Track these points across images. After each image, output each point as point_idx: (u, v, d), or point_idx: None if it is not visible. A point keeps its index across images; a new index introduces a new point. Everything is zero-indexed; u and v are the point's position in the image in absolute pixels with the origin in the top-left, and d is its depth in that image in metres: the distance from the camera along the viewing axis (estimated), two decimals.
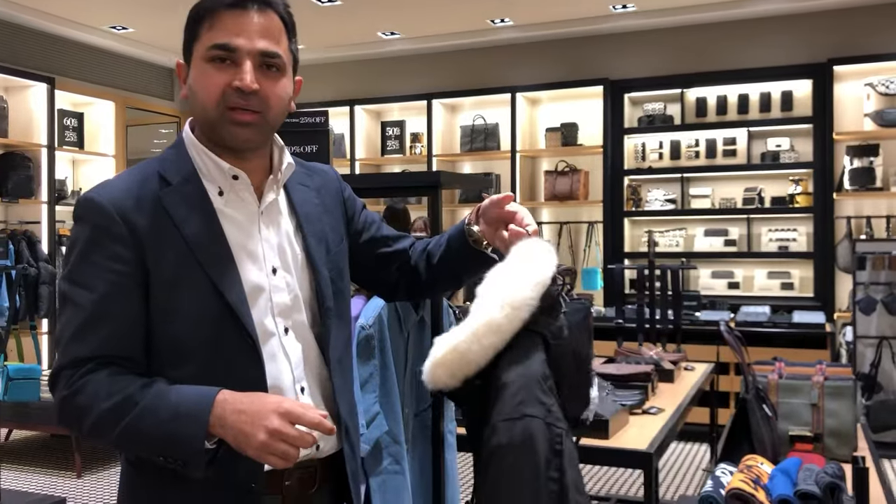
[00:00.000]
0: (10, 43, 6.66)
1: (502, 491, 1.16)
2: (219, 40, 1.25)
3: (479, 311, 1.23)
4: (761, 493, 2.09)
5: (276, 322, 1.28)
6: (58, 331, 1.23)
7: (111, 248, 1.20)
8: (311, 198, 1.40)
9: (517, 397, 1.16)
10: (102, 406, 1.16)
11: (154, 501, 1.24)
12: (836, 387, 3.02)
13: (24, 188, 6.54)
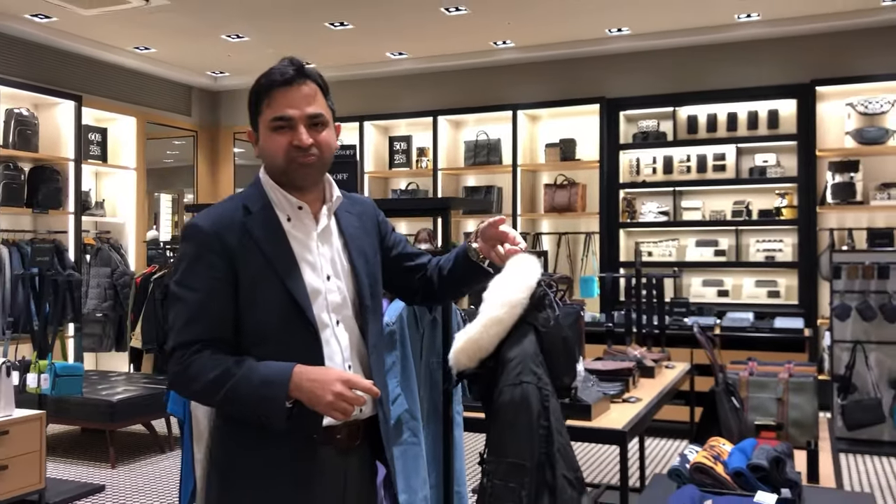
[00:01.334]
0: (42, 63, 7.08)
1: (507, 435, 1.65)
2: (277, 113, 1.65)
3: (486, 310, 1.67)
4: (720, 466, 2.46)
5: (331, 316, 1.68)
6: (170, 321, 1.62)
7: (211, 259, 1.60)
8: (353, 222, 1.79)
9: (517, 369, 1.62)
10: (209, 376, 1.55)
11: (241, 449, 1.63)
12: (799, 382, 3.39)
13: (53, 199, 6.93)
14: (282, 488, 1.61)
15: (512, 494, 1.59)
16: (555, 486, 1.62)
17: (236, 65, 8.19)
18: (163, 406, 5.28)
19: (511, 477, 1.60)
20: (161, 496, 4.48)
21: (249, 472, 1.62)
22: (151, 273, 6.64)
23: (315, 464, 1.63)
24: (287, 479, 1.61)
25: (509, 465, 1.61)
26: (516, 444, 1.62)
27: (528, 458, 1.61)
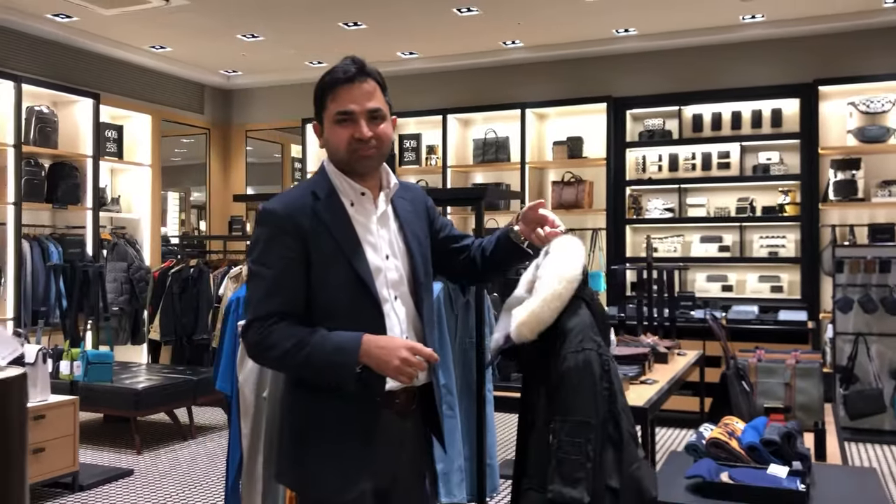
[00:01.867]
0: (62, 62, 7.23)
1: (572, 396, 1.82)
2: (340, 108, 1.81)
3: (545, 287, 1.83)
4: (734, 442, 2.62)
5: (390, 292, 1.84)
6: (248, 296, 1.78)
7: (286, 240, 1.76)
8: (407, 207, 1.96)
9: (578, 337, 1.80)
10: (286, 345, 1.71)
11: (313, 410, 1.79)
12: (805, 368, 3.56)
13: (72, 195, 7.07)
14: (349, 443, 1.78)
15: (578, 449, 1.75)
16: (620, 441, 1.79)
17: (249, 64, 8.34)
18: (184, 395, 5.47)
19: (577, 434, 1.76)
20: (187, 480, 4.63)
21: (321, 430, 1.78)
22: (169, 267, 6.80)
23: (377, 423, 1.79)
24: (354, 436, 1.78)
25: (575, 423, 1.77)
26: (582, 404, 1.78)
27: (592, 416, 1.78)
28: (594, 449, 1.75)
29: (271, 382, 2.46)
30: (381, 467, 1.81)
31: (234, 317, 2.57)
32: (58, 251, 6.80)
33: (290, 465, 1.82)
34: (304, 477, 1.80)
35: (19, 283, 6.49)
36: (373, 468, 1.79)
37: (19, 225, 6.54)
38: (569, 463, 1.74)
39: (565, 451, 1.75)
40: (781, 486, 2.33)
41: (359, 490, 1.76)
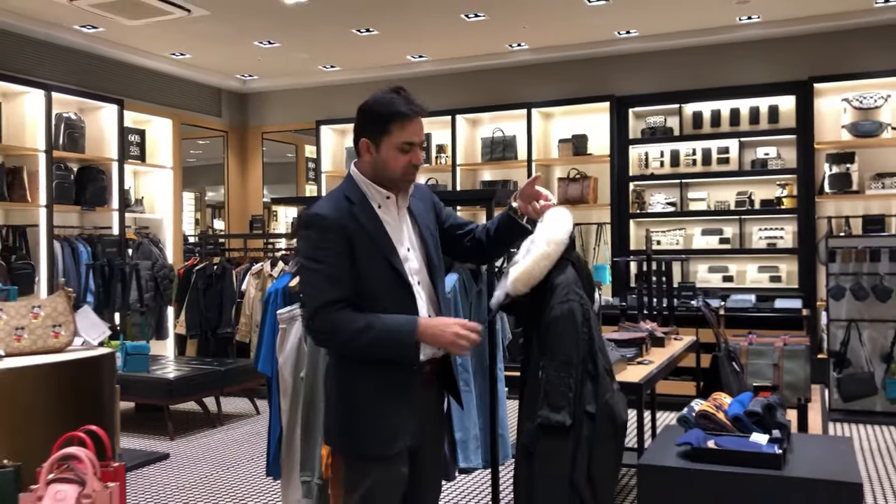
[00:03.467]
0: (88, 70, 7.56)
1: (558, 340, 2.18)
2: (407, 139, 2.15)
3: (536, 248, 2.18)
4: (721, 414, 2.92)
5: (413, 278, 2.17)
6: (304, 290, 2.09)
7: (335, 239, 2.08)
8: (419, 205, 2.30)
9: (563, 291, 2.14)
10: (352, 329, 2.03)
11: (357, 378, 2.12)
12: (792, 350, 3.85)
13: (99, 197, 7.41)
14: (391, 406, 2.11)
15: (562, 382, 2.13)
16: (596, 375, 2.16)
17: (265, 68, 8.66)
18: (213, 385, 5.80)
19: (562, 370, 2.14)
20: (219, 463, 4.96)
21: (366, 395, 2.11)
22: (193, 265, 7.14)
23: (412, 388, 2.14)
24: (395, 399, 2.11)
25: (560, 363, 2.14)
26: (565, 346, 2.15)
27: (574, 356, 2.14)
28: (575, 382, 2.12)
29: (307, 364, 2.78)
30: (415, 427, 2.14)
31: (274, 307, 2.88)
32: (87, 251, 7.13)
33: (338, 428, 2.15)
34: (352, 437, 2.12)
35: (51, 281, 6.84)
36: (410, 427, 2.13)
37: (51, 226, 6.89)
38: (554, 394, 2.12)
39: (552, 385, 2.13)
40: (761, 451, 2.63)
41: (398, 447, 2.09)
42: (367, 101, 2.22)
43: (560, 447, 2.11)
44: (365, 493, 2.10)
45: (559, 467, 2.10)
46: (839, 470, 2.59)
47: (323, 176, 8.90)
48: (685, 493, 2.63)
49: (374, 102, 2.19)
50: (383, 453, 2.10)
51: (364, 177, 2.20)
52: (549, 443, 2.11)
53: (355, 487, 2.12)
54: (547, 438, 2.11)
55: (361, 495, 2.10)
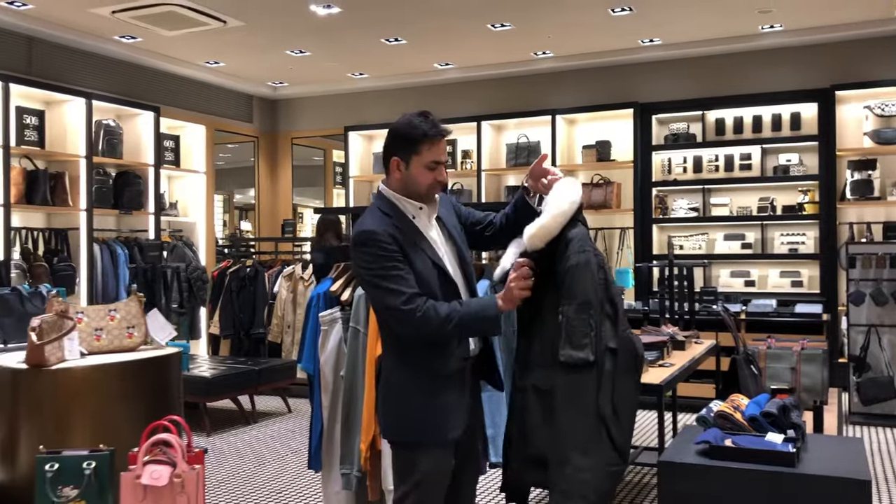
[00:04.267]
0: (126, 79, 7.83)
1: (577, 284, 2.37)
2: (435, 158, 2.37)
3: (552, 207, 2.40)
4: (738, 414, 3.07)
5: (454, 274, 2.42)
6: (386, 295, 2.27)
7: (390, 249, 2.29)
8: (444, 210, 2.52)
9: (579, 243, 2.39)
10: (439, 317, 2.25)
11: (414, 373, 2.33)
12: (809, 354, 3.98)
13: (136, 202, 7.66)
14: (445, 397, 2.33)
15: (583, 323, 2.32)
16: (615, 315, 2.35)
17: (295, 76, 8.89)
18: (248, 383, 6.01)
19: (582, 311, 2.33)
20: (255, 458, 5.17)
21: (422, 388, 2.33)
22: (227, 267, 7.37)
23: (460, 378, 2.36)
24: (447, 391, 2.34)
25: (579, 305, 2.33)
26: (583, 289, 2.34)
27: (592, 297, 2.33)
28: (595, 322, 2.31)
29: (347, 364, 2.96)
30: (465, 417, 2.36)
31: (316, 309, 3.07)
32: (124, 253, 7.39)
33: (394, 419, 2.34)
34: (408, 427, 2.31)
35: (91, 282, 7.10)
36: (461, 419, 2.34)
37: (91, 229, 7.15)
38: (576, 333, 2.32)
39: (573, 325, 2.32)
40: (775, 449, 2.78)
41: (451, 436, 2.28)
42: (397, 124, 2.41)
43: (584, 382, 2.29)
44: (420, 479, 2.28)
45: (584, 401, 2.28)
46: (849, 468, 2.73)
47: (351, 180, 9.10)
48: (703, 488, 2.78)
49: (404, 125, 2.39)
50: (438, 441, 2.30)
51: (395, 192, 2.42)
52: (572, 379, 2.30)
53: (409, 474, 2.30)
54: (570, 375, 2.30)
55: (416, 482, 2.29)
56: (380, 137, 9.09)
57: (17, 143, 6.59)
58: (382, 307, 2.31)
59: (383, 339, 2.42)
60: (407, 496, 2.31)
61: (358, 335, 2.94)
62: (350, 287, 3.05)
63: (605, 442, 2.29)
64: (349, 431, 2.95)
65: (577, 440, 2.28)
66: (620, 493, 4.37)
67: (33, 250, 6.89)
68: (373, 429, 2.84)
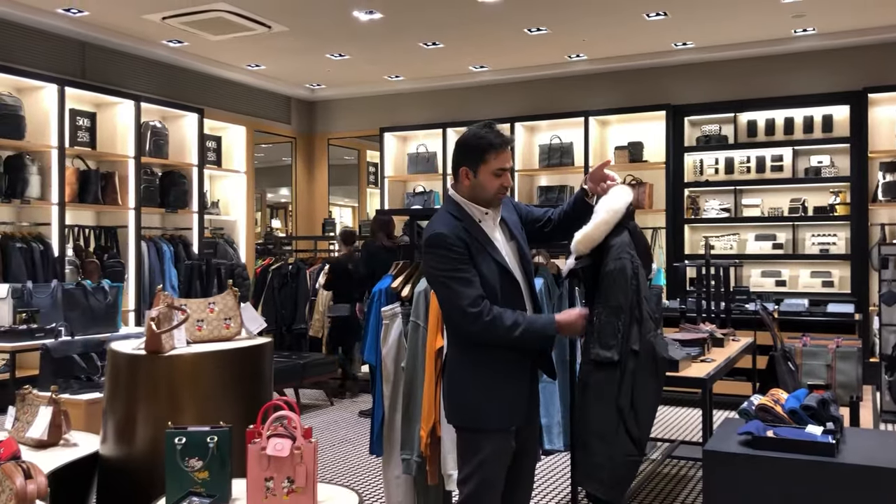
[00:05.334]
0: (171, 81, 8.09)
1: (611, 289, 2.54)
2: (501, 166, 2.54)
3: (597, 216, 2.57)
4: (779, 407, 3.22)
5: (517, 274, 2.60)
6: (451, 295, 2.45)
7: (460, 251, 2.47)
8: (506, 211, 2.67)
9: (618, 250, 2.55)
10: (506, 323, 2.42)
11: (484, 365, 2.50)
12: (845, 352, 4.11)
13: (181, 200, 7.92)
14: (510, 386, 2.52)
15: (612, 325, 2.51)
16: (641, 319, 2.53)
17: (332, 78, 9.10)
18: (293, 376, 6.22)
19: (613, 315, 2.51)
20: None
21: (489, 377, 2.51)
22: (269, 264, 7.60)
23: (520, 370, 2.55)
24: (512, 381, 2.53)
25: (612, 308, 2.51)
26: (617, 294, 2.51)
27: (623, 302, 2.51)
28: (623, 325, 2.50)
29: (408, 356, 3.15)
30: (524, 406, 2.54)
31: (378, 304, 3.26)
32: (170, 250, 7.65)
33: (461, 404, 2.52)
34: (475, 411, 2.49)
35: (139, 278, 7.36)
36: (523, 406, 2.53)
37: (139, 227, 7.41)
38: (605, 334, 2.51)
39: (604, 327, 2.52)
40: (816, 440, 2.93)
41: (511, 422, 2.46)
42: (466, 136, 2.60)
43: (609, 379, 2.50)
44: (482, 460, 2.47)
45: (608, 396, 2.50)
46: (889, 458, 2.87)
47: (385, 181, 9.29)
48: (746, 477, 2.93)
49: (472, 137, 2.58)
50: (499, 427, 2.47)
51: (463, 198, 2.60)
52: (599, 375, 2.52)
53: (473, 455, 2.49)
54: (598, 372, 2.52)
55: (479, 462, 2.47)
56: (414, 139, 9.32)
57: (71, 144, 6.86)
58: (449, 306, 2.49)
59: (449, 333, 2.60)
60: (471, 476, 2.50)
61: (418, 329, 3.12)
62: (410, 284, 3.24)
63: (622, 433, 2.51)
64: (410, 419, 3.13)
65: (599, 429, 2.52)
66: (661, 484, 4.53)
67: (85, 247, 7.16)
68: (433, 417, 3.02)
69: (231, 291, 2.89)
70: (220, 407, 2.45)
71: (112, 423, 2.58)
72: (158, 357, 2.51)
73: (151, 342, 2.49)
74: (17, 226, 6.60)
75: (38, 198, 6.55)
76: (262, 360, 2.58)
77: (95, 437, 2.82)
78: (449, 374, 2.59)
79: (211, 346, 2.68)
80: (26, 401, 2.84)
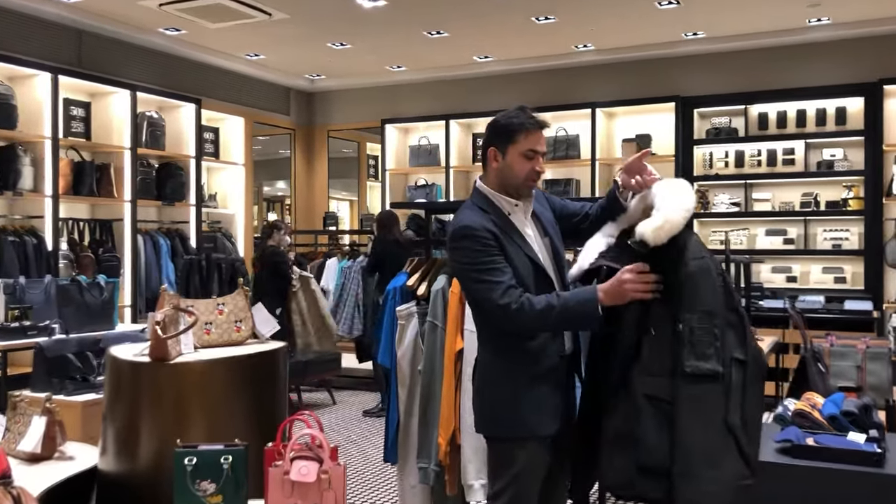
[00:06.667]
0: (168, 70, 7.86)
1: (697, 291, 2.24)
2: (532, 147, 2.36)
3: (675, 206, 2.25)
4: (816, 413, 3.05)
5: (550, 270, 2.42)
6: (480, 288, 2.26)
7: (490, 244, 2.29)
8: (538, 205, 2.50)
9: (696, 248, 2.28)
10: (537, 309, 2.23)
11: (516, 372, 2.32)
12: (875, 352, 3.95)
13: (178, 193, 7.70)
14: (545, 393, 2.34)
15: (707, 333, 2.20)
16: (740, 323, 2.26)
17: (333, 68, 8.89)
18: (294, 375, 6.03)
19: (705, 321, 2.21)
20: None
21: (523, 383, 2.33)
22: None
23: (555, 375, 2.37)
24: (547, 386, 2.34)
25: (702, 314, 2.21)
26: (705, 298, 2.23)
27: (715, 306, 2.23)
28: (719, 332, 2.21)
29: (425, 359, 2.97)
30: (561, 414, 2.37)
31: (392, 303, 3.08)
32: (166, 244, 7.45)
33: (492, 413, 2.34)
34: (509, 421, 2.31)
35: (135, 273, 7.16)
36: (557, 413, 2.35)
37: (135, 220, 7.20)
38: (701, 343, 2.20)
39: (697, 336, 2.20)
40: (861, 449, 2.76)
41: (547, 431, 2.29)
42: (496, 118, 2.45)
43: (711, 394, 2.19)
44: (517, 472, 2.29)
45: (711, 413, 2.19)
46: None
47: (387, 174, 9.09)
48: (787, 487, 2.77)
49: (503, 117, 2.42)
50: (534, 436, 2.30)
51: (491, 189, 2.41)
52: (698, 389, 2.19)
53: (506, 468, 2.31)
54: (696, 386, 2.19)
55: (514, 475, 2.29)
56: (416, 131, 9.11)
57: (65, 135, 6.64)
58: (480, 300, 2.30)
59: (480, 333, 2.42)
60: (504, 491, 2.31)
61: (435, 330, 2.94)
62: (426, 281, 3.06)
63: (733, 455, 2.21)
64: (427, 425, 2.96)
65: (706, 453, 2.20)
66: None
67: (79, 241, 6.95)
68: (452, 423, 2.85)
69: (242, 291, 2.69)
70: (231, 419, 2.24)
71: (112, 436, 2.36)
72: (163, 365, 2.28)
73: (157, 349, 2.27)
74: (10, 219, 6.39)
75: (30, 190, 6.34)
76: (276, 367, 2.36)
77: (93, 448, 2.60)
78: (480, 379, 2.41)
79: (221, 352, 2.44)
80: (18, 409, 2.63)
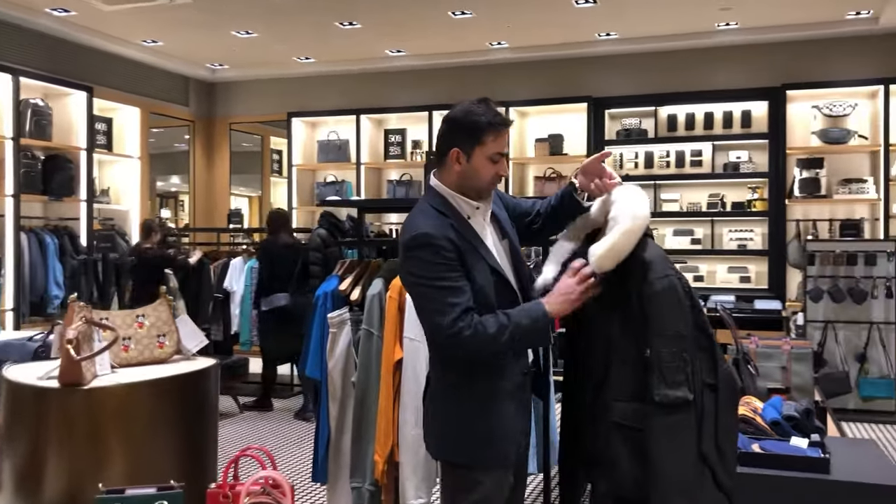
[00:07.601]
0: (57, 55, 7.27)
1: (664, 313, 2.08)
2: (499, 150, 2.16)
3: (621, 225, 2.08)
4: (759, 418, 3.00)
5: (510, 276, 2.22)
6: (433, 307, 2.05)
7: (447, 255, 2.07)
8: (494, 207, 2.31)
9: (659, 266, 2.09)
10: (490, 331, 2.02)
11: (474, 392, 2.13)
12: (799, 353, 3.97)
13: (67, 187, 7.12)
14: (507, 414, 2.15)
15: (676, 357, 2.04)
16: (710, 346, 2.10)
17: (236, 58, 8.47)
18: None
19: (673, 345, 2.04)
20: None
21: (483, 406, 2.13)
22: None
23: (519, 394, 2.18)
24: (508, 408, 2.15)
25: (669, 338, 2.05)
26: (673, 320, 2.06)
27: (684, 328, 2.06)
28: (689, 355, 2.05)
29: (359, 369, 2.74)
30: (524, 435, 2.19)
31: (323, 310, 2.83)
32: (54, 243, 6.87)
33: (452, 438, 2.13)
34: (470, 445, 2.11)
35: (19, 276, 6.57)
36: (521, 435, 2.18)
37: (18, 217, 6.60)
38: (670, 371, 2.04)
39: (666, 361, 2.04)
40: (807, 455, 2.71)
41: (512, 455, 2.10)
42: (456, 113, 2.18)
43: (683, 422, 2.05)
44: (480, 498, 2.09)
45: (684, 443, 2.05)
46: (883, 474, 2.69)
47: (294, 169, 8.75)
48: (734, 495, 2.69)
49: (467, 113, 2.16)
50: (499, 462, 2.11)
51: (449, 189, 2.20)
52: (669, 420, 2.05)
53: (468, 493, 2.11)
54: (668, 415, 2.04)
55: (475, 501, 2.10)
56: (324, 125, 8.81)
57: None
58: (432, 321, 2.09)
59: (432, 352, 2.21)
60: None
61: (371, 338, 2.72)
62: (360, 286, 2.83)
63: (709, 486, 2.07)
64: (361, 441, 2.73)
65: (681, 485, 2.06)
66: None
67: None
68: (391, 439, 2.63)
69: (164, 300, 2.37)
70: (157, 452, 1.91)
71: (10, 475, 1.97)
72: (74, 391, 1.92)
73: (69, 372, 1.90)
74: None
75: None
76: (207, 389, 2.04)
77: None
78: (433, 402, 2.21)
79: (143, 373, 2.10)
80: None
